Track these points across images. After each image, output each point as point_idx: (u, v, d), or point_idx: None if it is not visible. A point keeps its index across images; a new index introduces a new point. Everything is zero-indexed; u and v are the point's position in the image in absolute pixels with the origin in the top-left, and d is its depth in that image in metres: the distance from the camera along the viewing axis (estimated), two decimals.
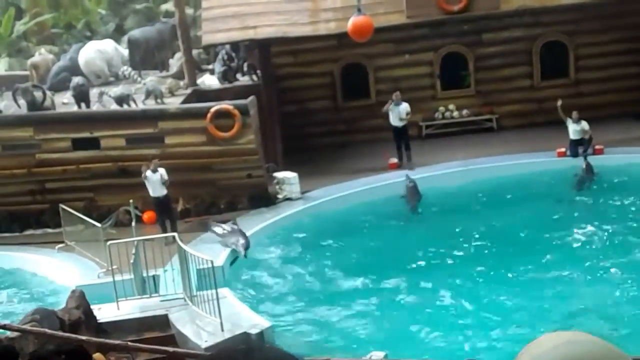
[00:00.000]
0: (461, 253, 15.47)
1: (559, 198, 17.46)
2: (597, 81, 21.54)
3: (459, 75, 22.23)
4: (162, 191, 15.87)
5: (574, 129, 18.55)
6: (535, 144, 19.47)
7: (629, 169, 17.96)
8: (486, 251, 15.54)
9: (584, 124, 18.52)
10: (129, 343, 10.45)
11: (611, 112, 20.84)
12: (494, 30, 21.74)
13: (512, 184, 18.00)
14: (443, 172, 18.78)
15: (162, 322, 12.38)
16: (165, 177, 15.87)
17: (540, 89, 21.90)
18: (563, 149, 18.74)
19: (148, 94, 19.72)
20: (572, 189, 17.81)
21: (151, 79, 21.03)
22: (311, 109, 22.02)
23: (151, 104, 19.38)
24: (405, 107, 18.95)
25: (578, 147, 18.55)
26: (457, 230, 16.42)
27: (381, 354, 9.92)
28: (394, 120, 18.93)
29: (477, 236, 16.08)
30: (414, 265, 15.09)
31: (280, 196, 17.99)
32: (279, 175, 18.28)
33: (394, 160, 19.26)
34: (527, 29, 21.68)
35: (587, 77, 21.71)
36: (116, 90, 19.97)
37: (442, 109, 21.97)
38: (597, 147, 18.64)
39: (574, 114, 18.56)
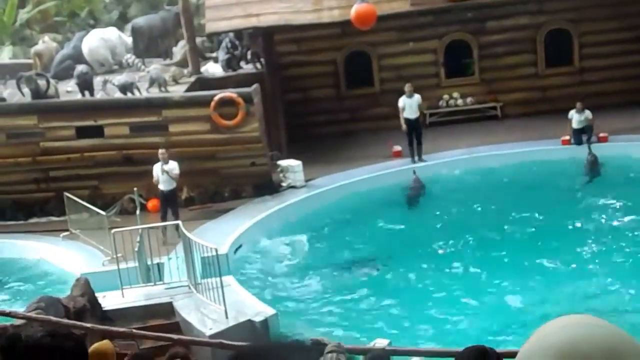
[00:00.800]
0: (464, 241, 15.46)
1: (563, 187, 17.45)
2: (601, 69, 21.48)
3: (463, 63, 22.18)
4: (171, 185, 15.78)
5: (578, 118, 18.52)
6: (540, 132, 19.45)
7: (632, 157, 17.91)
8: (489, 239, 15.53)
9: (588, 113, 18.49)
10: (134, 330, 10.50)
11: (616, 100, 20.78)
12: (498, 18, 21.67)
13: (516, 172, 18.00)
14: (447, 160, 18.78)
15: (167, 309, 12.43)
16: (177, 170, 15.75)
17: (544, 77, 21.85)
18: (567, 137, 18.71)
19: (152, 82, 19.70)
20: (578, 177, 17.78)
21: (155, 67, 20.99)
22: (315, 97, 22.00)
23: (155, 92, 19.37)
24: (417, 98, 18.63)
25: (582, 135, 18.54)
26: (460, 218, 16.43)
27: (385, 341, 9.94)
28: (408, 113, 18.58)
29: (480, 224, 16.07)
30: (417, 254, 15.09)
31: (284, 184, 18.00)
32: (283, 163, 18.27)
33: (398, 148, 19.22)
34: (532, 17, 21.62)
35: (591, 65, 21.65)
36: (120, 78, 19.94)
37: (446, 97, 21.94)
38: (601, 135, 18.60)
39: (578, 104, 18.53)
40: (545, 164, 18.14)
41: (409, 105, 18.53)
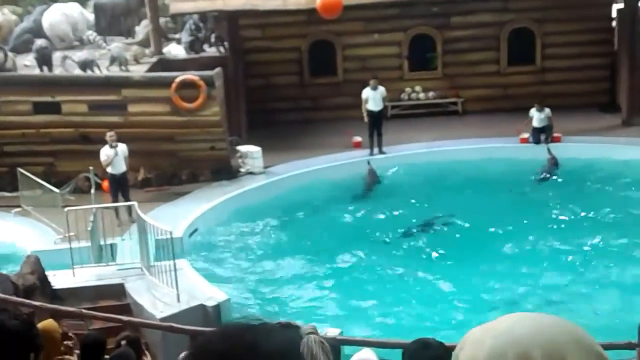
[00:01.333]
0: (416, 233, 15.57)
1: (518, 184, 17.63)
2: (562, 70, 21.70)
3: (427, 57, 22.25)
4: (122, 168, 15.54)
5: (538, 117, 18.70)
6: (499, 129, 19.60)
7: (585, 158, 18.12)
8: (441, 232, 15.66)
9: (548, 111, 18.69)
10: (84, 310, 10.38)
11: (575, 101, 21.02)
12: (464, 13, 21.77)
13: (473, 168, 18.12)
14: (407, 153, 18.84)
15: (118, 291, 12.31)
16: (127, 153, 15.54)
17: (506, 75, 22.02)
18: (526, 136, 18.89)
19: (112, 60, 19.45)
20: (534, 176, 18.00)
21: (116, 45, 20.71)
22: (277, 83, 21.91)
23: (115, 71, 19.13)
24: (382, 91, 18.60)
25: (540, 134, 18.73)
26: (413, 211, 16.52)
27: (337, 330, 9.94)
28: (372, 105, 18.53)
29: (433, 217, 16.17)
30: (370, 244, 15.15)
31: (242, 170, 17.92)
32: (242, 148, 18.19)
33: (358, 138, 19.23)
34: (496, 15, 21.75)
35: (552, 66, 21.86)
36: (80, 55, 19.66)
37: (408, 90, 21.99)
38: (555, 135, 18.83)
39: (536, 105, 18.71)
40: (502, 161, 18.28)
41: (372, 98, 18.53)
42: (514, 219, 15.80)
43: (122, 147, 15.45)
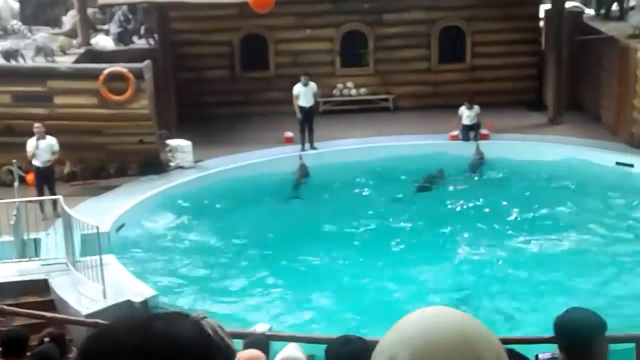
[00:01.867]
0: (342, 228, 15.64)
1: (446, 181, 17.84)
2: (491, 68, 22.01)
3: (359, 53, 22.32)
4: (49, 160, 15.12)
5: (468, 114, 18.93)
6: (430, 126, 19.79)
7: (513, 156, 18.41)
8: (369, 227, 15.75)
9: (477, 108, 18.94)
10: (5, 307, 10.07)
11: (503, 99, 21.34)
12: (395, 11, 21.90)
13: (403, 164, 18.23)
14: (338, 149, 18.86)
15: (42, 286, 12.04)
16: (56, 147, 15.15)
17: (437, 72, 22.22)
18: (455, 133, 19.10)
19: (38, 50, 18.95)
20: (465, 172, 18.23)
21: (42, 35, 20.18)
22: (209, 77, 21.68)
23: (41, 62, 18.65)
24: (313, 87, 18.64)
25: (470, 132, 18.97)
26: (341, 206, 16.60)
27: (266, 326, 9.86)
28: (303, 102, 18.51)
29: (360, 213, 16.25)
30: (297, 240, 15.13)
31: (172, 164, 17.70)
32: (172, 142, 17.96)
33: (289, 134, 19.17)
34: (428, 12, 21.93)
35: (482, 64, 22.15)
36: (4, 44, 19.09)
37: (340, 86, 22.02)
38: (483, 132, 19.10)
39: (466, 102, 18.95)
40: (432, 158, 18.44)
41: (303, 94, 18.51)
42: (440, 214, 16.02)
43: (51, 141, 15.09)
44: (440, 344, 1.32)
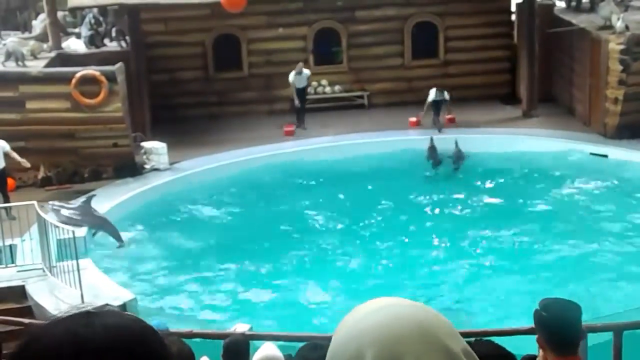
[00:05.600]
0: (319, 226, 15.74)
1: (423, 176, 17.90)
2: (464, 63, 22.10)
3: (332, 51, 22.31)
4: (1, 164, 14.91)
5: (435, 92, 19.07)
6: (405, 122, 19.83)
7: (488, 149, 18.48)
8: (339, 225, 15.82)
9: (446, 94, 19.11)
10: None
11: (477, 93, 21.45)
12: (368, 7, 21.91)
13: (379, 160, 18.26)
14: (314, 147, 18.84)
15: (19, 293, 11.92)
16: (7, 148, 14.93)
17: (410, 68, 22.27)
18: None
19: (8, 55, 18.73)
20: (436, 166, 18.27)
21: (12, 39, 19.96)
22: (182, 78, 21.57)
23: (12, 67, 18.45)
24: (307, 73, 20.00)
25: (437, 109, 19.13)
26: (318, 203, 16.63)
27: (246, 326, 9.84)
28: (300, 84, 19.82)
29: (334, 210, 16.32)
30: (274, 240, 15.12)
31: (147, 166, 17.60)
32: (147, 145, 17.86)
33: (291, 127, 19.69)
34: (400, 9, 21.96)
35: (455, 59, 22.23)
36: None
37: (314, 84, 21.99)
38: (449, 116, 19.25)
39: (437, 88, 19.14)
40: (407, 153, 18.45)
41: (298, 81, 19.67)
42: (416, 210, 16.14)
43: (1, 143, 14.87)
44: (400, 334, 1.28)
